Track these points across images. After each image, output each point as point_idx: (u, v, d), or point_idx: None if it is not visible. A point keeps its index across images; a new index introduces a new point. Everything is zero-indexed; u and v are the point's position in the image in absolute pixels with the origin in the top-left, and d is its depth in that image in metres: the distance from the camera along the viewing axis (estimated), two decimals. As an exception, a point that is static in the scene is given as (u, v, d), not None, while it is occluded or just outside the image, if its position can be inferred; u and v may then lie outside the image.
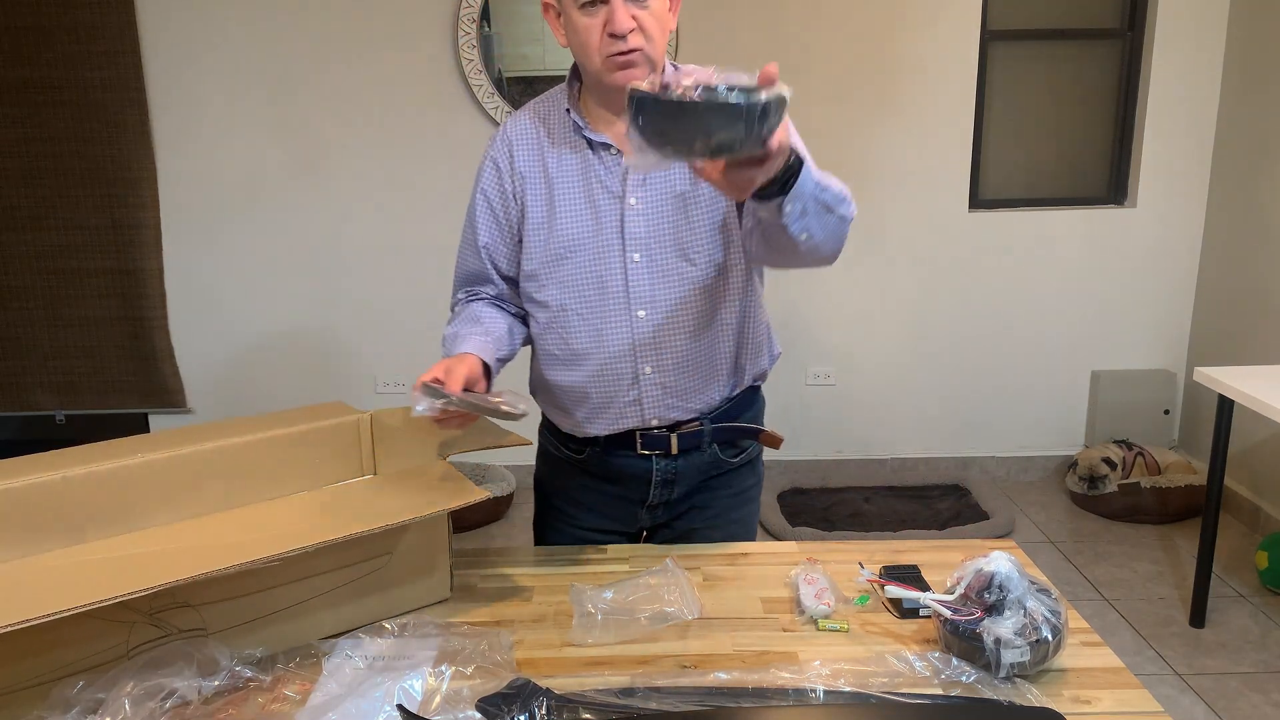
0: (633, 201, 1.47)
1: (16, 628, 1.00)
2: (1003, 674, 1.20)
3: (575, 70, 1.53)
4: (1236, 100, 3.63)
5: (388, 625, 1.34)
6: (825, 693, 1.17)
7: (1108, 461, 3.66)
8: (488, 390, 1.45)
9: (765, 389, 1.72)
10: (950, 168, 3.76)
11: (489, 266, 1.58)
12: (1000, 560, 1.25)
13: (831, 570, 1.44)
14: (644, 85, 1.07)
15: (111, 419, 3.89)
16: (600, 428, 1.58)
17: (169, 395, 3.85)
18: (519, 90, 3.70)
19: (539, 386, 1.66)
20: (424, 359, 1.57)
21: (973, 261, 3.85)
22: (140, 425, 3.89)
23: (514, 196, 1.53)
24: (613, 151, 1.49)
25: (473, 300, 1.63)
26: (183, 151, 3.68)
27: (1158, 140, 3.75)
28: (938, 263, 3.84)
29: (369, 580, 1.36)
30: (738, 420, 1.62)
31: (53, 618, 1.02)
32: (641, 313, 1.50)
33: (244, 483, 1.52)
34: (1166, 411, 3.94)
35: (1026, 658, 1.19)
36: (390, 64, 3.62)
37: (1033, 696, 1.18)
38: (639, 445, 1.58)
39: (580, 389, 1.56)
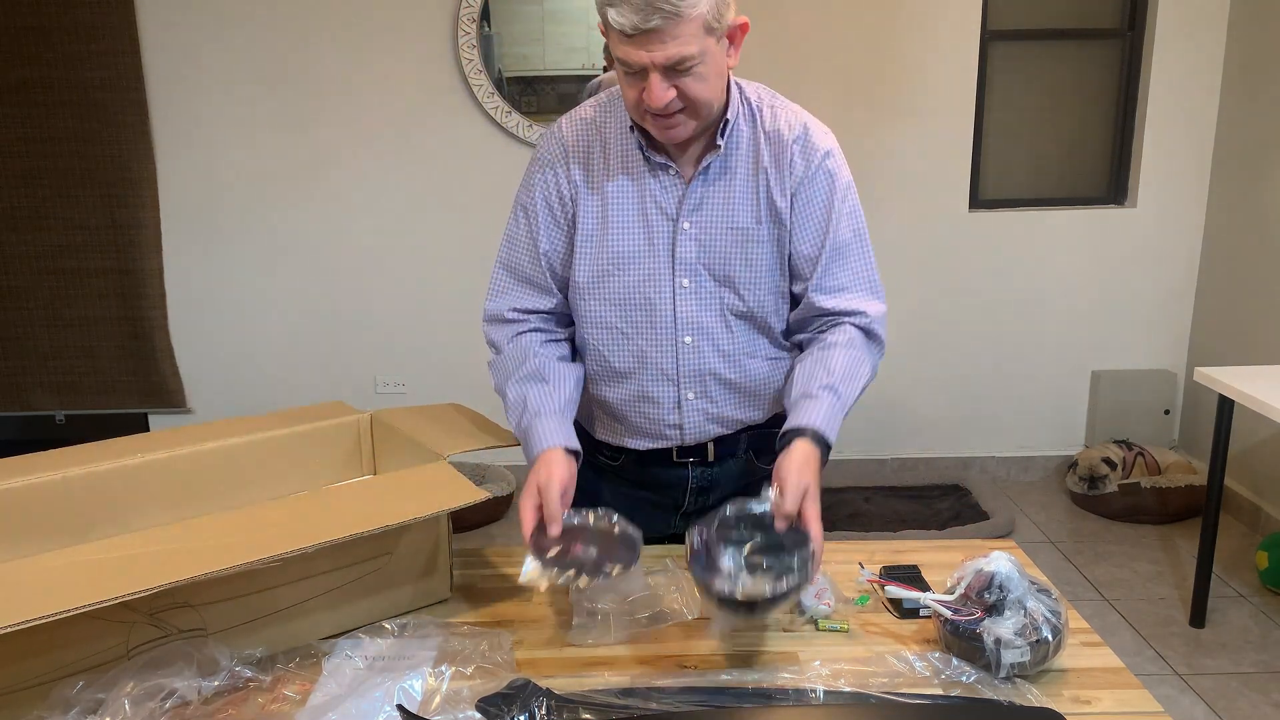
0: (686, 226, 1.43)
1: (17, 628, 1.00)
2: (1003, 674, 1.20)
3: None
4: (1236, 100, 3.63)
5: (388, 625, 1.34)
6: (825, 693, 1.17)
7: (1108, 461, 3.66)
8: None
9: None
10: (950, 168, 3.76)
11: (547, 275, 1.50)
12: (1000, 560, 1.25)
13: (831, 570, 1.43)
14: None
15: (111, 419, 3.89)
16: (638, 444, 1.56)
17: (169, 395, 3.85)
18: (519, 90, 3.70)
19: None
20: (424, 359, 1.56)
21: (973, 261, 3.85)
22: (140, 425, 3.89)
23: (571, 201, 1.47)
24: (671, 173, 1.43)
25: (524, 333, 1.52)
26: (183, 151, 3.68)
27: (1158, 140, 3.75)
28: (938, 263, 3.84)
29: (369, 580, 1.36)
30: (774, 427, 1.58)
31: (53, 618, 1.02)
32: (688, 339, 1.47)
33: (244, 483, 1.52)
34: (1166, 411, 3.94)
35: (1026, 658, 1.19)
36: (390, 64, 3.62)
37: (1033, 696, 1.18)
38: (675, 454, 1.56)
39: (620, 408, 1.53)
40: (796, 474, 1.30)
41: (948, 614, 1.25)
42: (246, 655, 1.22)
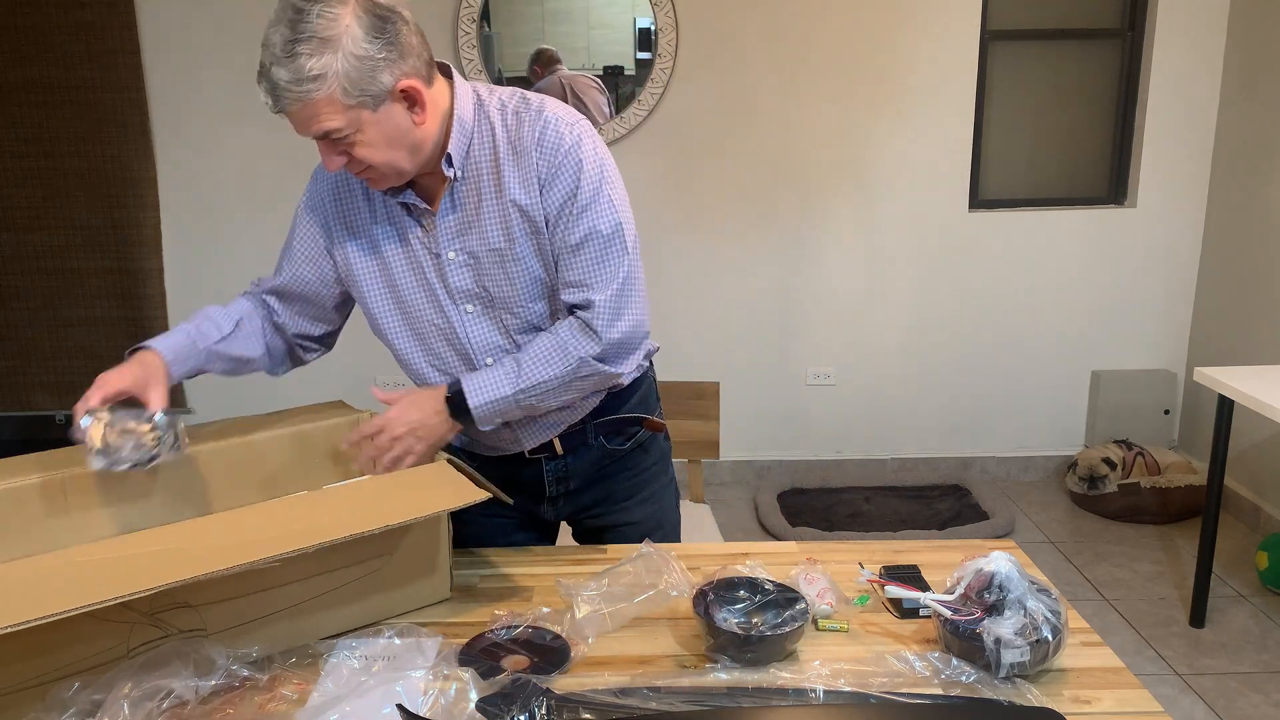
0: (451, 255, 1.46)
1: (17, 628, 1.00)
2: (1003, 674, 1.20)
3: None
4: (1236, 100, 3.63)
5: (387, 625, 1.34)
6: (825, 693, 1.17)
7: (1108, 461, 3.66)
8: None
9: (765, 390, 1.72)
10: (950, 168, 3.76)
11: (289, 290, 1.59)
12: (1000, 560, 1.25)
13: (832, 570, 1.43)
14: None
15: (111, 419, 3.88)
16: (487, 452, 1.61)
17: (169, 395, 3.84)
18: (531, 83, 3.69)
19: None
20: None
21: (973, 261, 3.85)
22: (140, 425, 3.88)
23: (335, 245, 1.52)
24: (423, 207, 1.45)
25: (251, 298, 1.63)
26: (183, 151, 3.68)
27: (1158, 140, 3.75)
28: (938, 263, 3.84)
29: (369, 580, 1.36)
30: (620, 412, 1.63)
31: (53, 618, 1.02)
32: (489, 360, 1.50)
33: (244, 483, 1.52)
34: (1166, 411, 3.94)
35: (1026, 658, 1.19)
36: (390, 64, 3.61)
37: (1033, 696, 1.18)
38: (525, 454, 1.60)
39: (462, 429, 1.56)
40: (399, 411, 1.44)
41: (948, 614, 1.25)
42: (243, 655, 1.22)
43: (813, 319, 3.87)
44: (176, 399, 3.85)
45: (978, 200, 3.86)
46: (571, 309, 1.47)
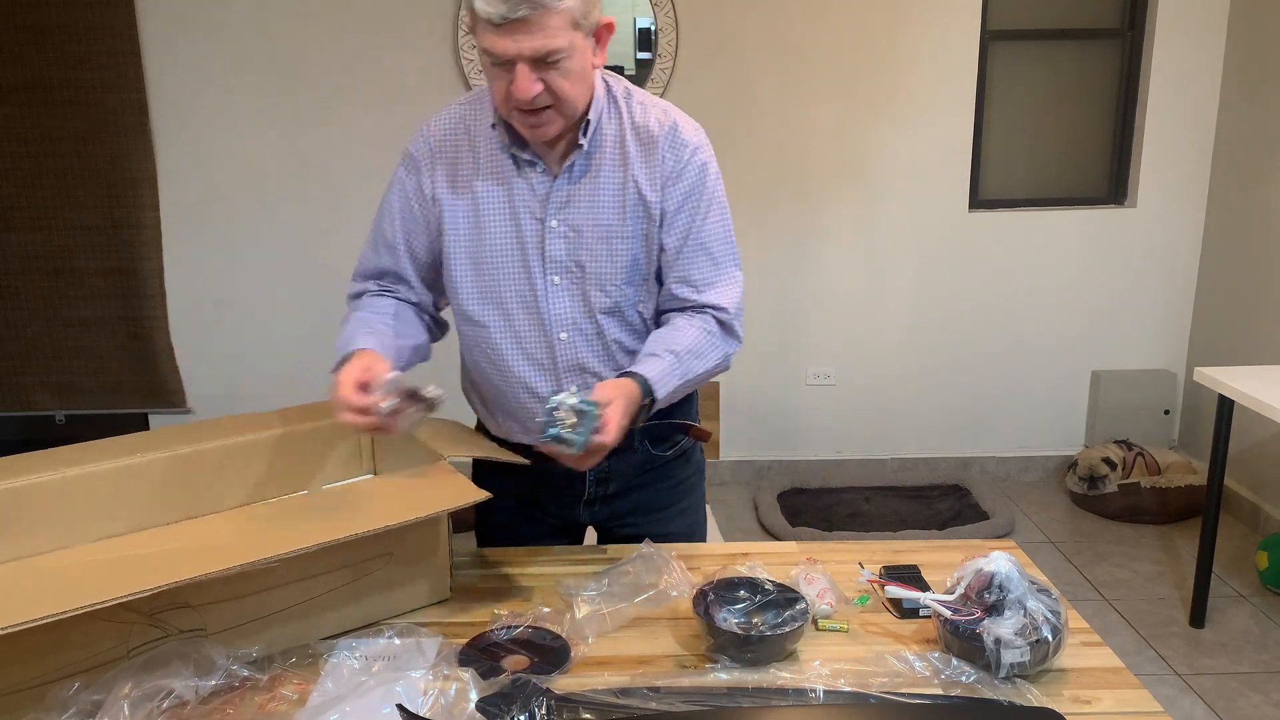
0: (554, 224, 1.45)
1: (17, 629, 1.00)
2: (1003, 674, 1.20)
3: None
4: (1236, 100, 3.63)
5: (387, 625, 1.34)
6: (825, 693, 1.17)
7: (1108, 461, 3.66)
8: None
9: (765, 390, 1.72)
10: (950, 168, 3.76)
11: (408, 266, 1.55)
12: (1000, 560, 1.25)
13: (832, 570, 1.43)
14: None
15: (111, 419, 3.88)
16: (527, 439, 1.57)
17: (169, 395, 3.84)
18: (519, 90, 3.70)
19: (469, 388, 1.66)
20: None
21: (973, 261, 3.85)
22: (140, 425, 3.88)
23: (433, 202, 1.49)
24: (539, 169, 1.45)
25: (384, 295, 1.58)
26: (183, 151, 3.68)
27: (1158, 140, 3.75)
28: (938, 263, 3.84)
29: (369, 581, 1.35)
30: (669, 417, 1.61)
31: (53, 618, 1.02)
32: (563, 335, 1.49)
33: (244, 483, 1.52)
34: (1166, 411, 3.94)
35: (1026, 658, 1.19)
36: (390, 64, 3.62)
37: (1033, 696, 1.18)
38: None
39: (506, 404, 1.56)
40: (608, 391, 1.35)
41: (948, 614, 1.25)
42: (243, 655, 1.22)
43: (813, 319, 3.87)
44: (176, 398, 3.85)
45: (978, 200, 3.86)
46: (687, 304, 1.49)
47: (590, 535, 1.76)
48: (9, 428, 3.98)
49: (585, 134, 1.42)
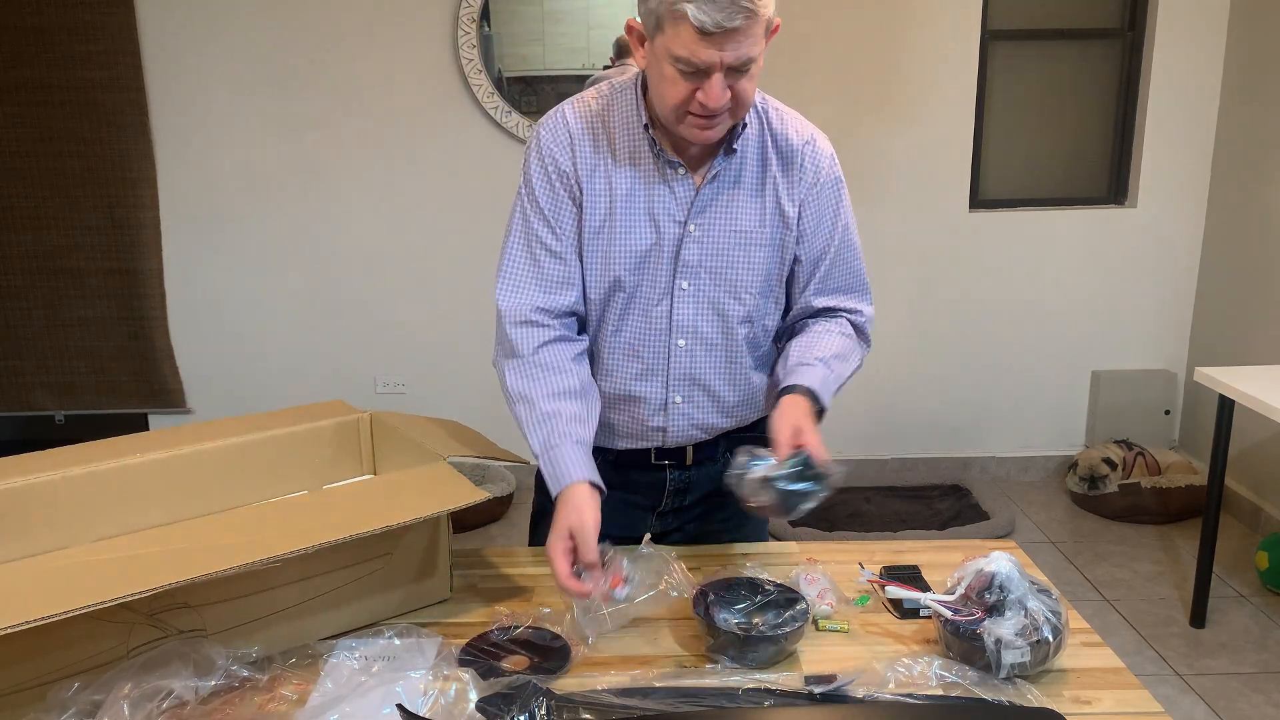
0: (692, 228, 1.42)
1: (17, 629, 1.00)
2: (1003, 674, 1.20)
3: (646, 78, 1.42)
4: (1236, 100, 3.63)
5: (387, 625, 1.33)
6: (825, 693, 1.17)
7: (1108, 462, 3.66)
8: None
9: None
10: (950, 168, 3.76)
11: (571, 259, 1.44)
12: (1000, 560, 1.25)
13: (832, 570, 1.43)
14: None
15: (111, 419, 3.88)
16: (618, 444, 1.55)
17: (169, 395, 3.84)
18: (519, 90, 3.70)
19: None
20: (424, 359, 1.55)
21: (973, 261, 3.85)
22: (140, 425, 3.89)
23: (578, 185, 1.42)
24: (680, 173, 1.41)
25: (551, 342, 1.44)
26: (183, 151, 3.68)
27: (1158, 140, 3.75)
28: (938, 263, 3.84)
29: (369, 581, 1.35)
30: (759, 430, 1.57)
31: (53, 619, 1.02)
32: (681, 342, 1.46)
33: (244, 483, 1.52)
34: (1167, 412, 3.94)
35: (1027, 658, 1.19)
36: (390, 64, 3.62)
37: (1033, 697, 1.18)
38: (654, 455, 1.55)
39: (604, 406, 1.51)
40: (788, 418, 1.34)
41: (948, 614, 1.25)
42: (243, 655, 1.22)
43: (813, 319, 3.87)
44: (176, 398, 3.86)
45: (978, 200, 3.85)
46: (830, 310, 1.51)
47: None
48: (9, 428, 3.98)
49: (737, 140, 1.41)
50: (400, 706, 1.12)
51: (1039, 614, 1.21)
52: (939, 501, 3.78)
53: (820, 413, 1.39)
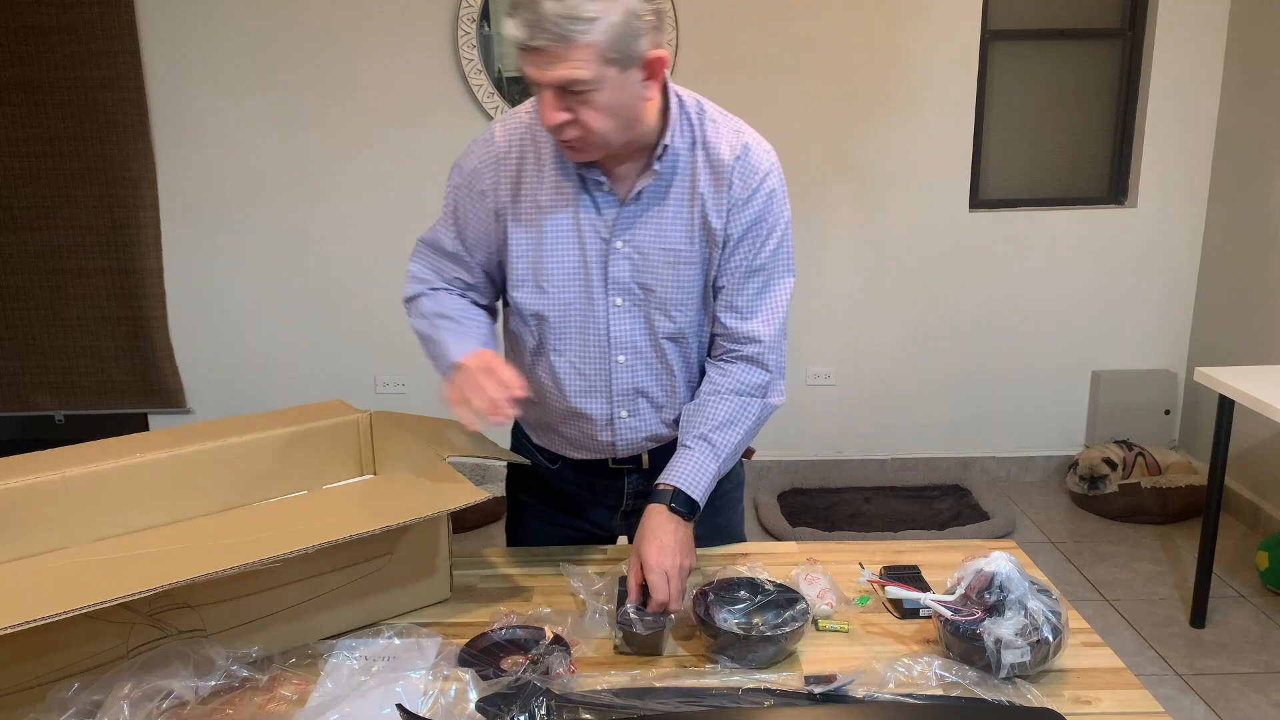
0: (619, 245, 1.41)
1: (17, 629, 1.00)
2: (1003, 674, 1.20)
3: None
4: (1236, 100, 3.63)
5: (387, 625, 1.33)
6: (825, 693, 1.17)
7: (1108, 462, 3.66)
8: None
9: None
10: (950, 168, 3.76)
11: (470, 258, 1.50)
12: (1000, 561, 1.25)
13: (832, 570, 1.43)
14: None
15: (111, 419, 3.89)
16: (573, 455, 1.57)
17: (169, 395, 3.84)
18: (519, 90, 3.70)
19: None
20: (424, 359, 1.55)
21: (973, 261, 3.85)
22: (140, 425, 3.89)
23: (496, 215, 1.44)
24: (605, 189, 1.40)
25: (442, 289, 1.52)
26: (183, 151, 3.68)
27: (1158, 140, 3.75)
28: (938, 263, 3.84)
29: (369, 581, 1.35)
30: None
31: (53, 619, 1.02)
32: (621, 358, 1.47)
33: (244, 483, 1.52)
34: (1167, 411, 3.94)
35: (1027, 658, 1.19)
36: (390, 64, 3.62)
37: (1033, 697, 1.18)
38: (610, 463, 1.57)
39: (553, 421, 1.54)
40: (656, 558, 1.34)
41: (948, 614, 1.25)
42: (243, 655, 1.22)
43: (813, 319, 3.87)
44: (176, 398, 3.86)
45: (978, 200, 3.86)
46: (733, 335, 1.47)
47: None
48: (9, 428, 3.98)
49: (660, 160, 1.38)
50: (400, 706, 1.12)
51: (1039, 614, 1.21)
52: (939, 501, 3.78)
53: (695, 506, 1.41)
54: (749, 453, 1.64)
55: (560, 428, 1.54)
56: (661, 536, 1.36)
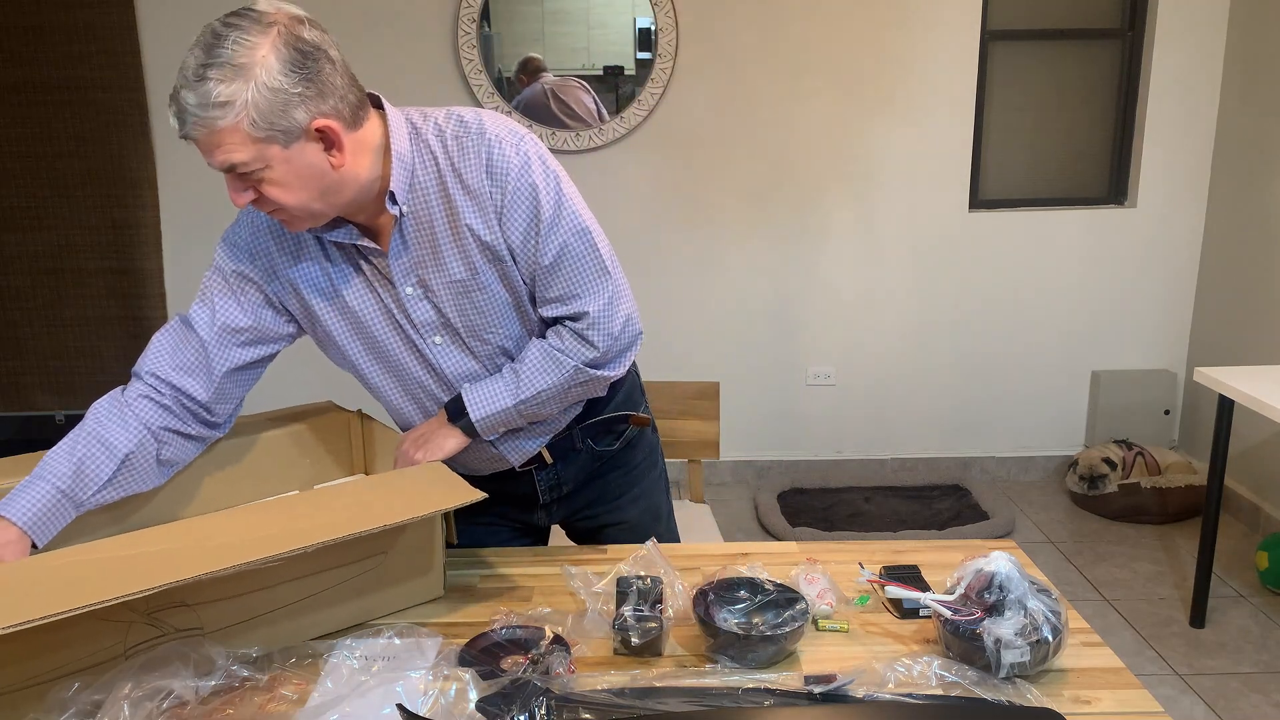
0: (409, 290, 1.41)
1: (17, 628, 1.00)
2: (1003, 674, 1.20)
3: None
4: (1236, 100, 3.63)
5: (387, 625, 1.34)
6: (825, 693, 1.17)
7: (1108, 461, 3.66)
8: None
9: (765, 390, 1.71)
10: (950, 168, 3.76)
11: (214, 355, 1.43)
12: (1000, 560, 1.25)
13: (832, 570, 1.43)
14: None
15: (111, 419, 3.88)
16: (480, 472, 1.59)
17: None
18: (518, 91, 3.70)
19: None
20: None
21: (973, 261, 3.85)
22: (140, 425, 3.88)
23: (292, 289, 1.44)
24: (370, 248, 1.39)
25: (143, 397, 1.40)
26: (183, 151, 3.68)
27: (1158, 140, 3.75)
28: (938, 263, 3.84)
29: (365, 579, 1.36)
30: (605, 412, 1.61)
31: (53, 618, 1.02)
32: (466, 386, 1.47)
33: (240, 482, 1.52)
34: (1167, 411, 3.94)
35: (1027, 658, 1.19)
36: (390, 64, 3.62)
37: (1033, 697, 1.17)
38: (516, 468, 1.59)
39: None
40: (409, 437, 1.47)
41: (948, 614, 1.24)
42: (243, 655, 1.22)
43: (813, 319, 3.87)
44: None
45: (978, 200, 3.86)
46: (557, 320, 1.45)
47: (555, 532, 1.78)
48: (9, 428, 3.98)
49: (395, 204, 1.34)
50: (400, 706, 1.12)
51: (1039, 614, 1.21)
52: (939, 501, 3.78)
53: (463, 417, 1.45)
54: (643, 421, 1.66)
55: (451, 461, 1.51)
56: (423, 427, 1.48)
